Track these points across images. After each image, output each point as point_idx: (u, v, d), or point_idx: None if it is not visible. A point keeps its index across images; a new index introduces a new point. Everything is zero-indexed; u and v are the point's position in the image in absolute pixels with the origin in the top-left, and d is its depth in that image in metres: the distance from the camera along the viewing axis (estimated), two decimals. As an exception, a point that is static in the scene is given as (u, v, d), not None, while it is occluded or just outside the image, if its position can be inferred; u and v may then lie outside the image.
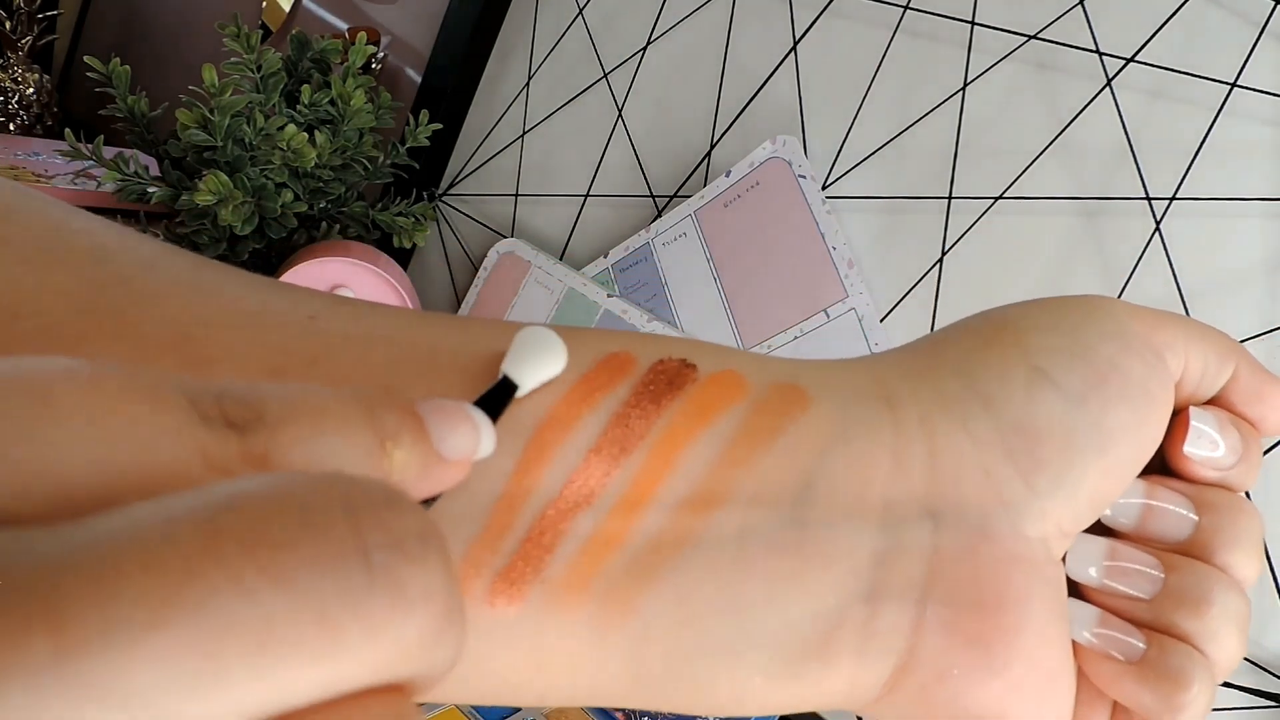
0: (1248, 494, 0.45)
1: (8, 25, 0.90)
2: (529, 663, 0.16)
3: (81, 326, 0.16)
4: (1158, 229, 0.49)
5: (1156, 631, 0.18)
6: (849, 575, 0.17)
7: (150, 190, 0.64)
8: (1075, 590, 0.19)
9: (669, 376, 0.18)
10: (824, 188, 0.59)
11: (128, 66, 0.64)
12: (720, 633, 0.17)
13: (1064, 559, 0.19)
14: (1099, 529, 0.19)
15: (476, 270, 0.73)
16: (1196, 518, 0.19)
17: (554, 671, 0.16)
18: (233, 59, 0.62)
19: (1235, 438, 0.19)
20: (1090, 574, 0.19)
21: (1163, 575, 0.18)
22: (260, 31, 0.77)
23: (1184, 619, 0.18)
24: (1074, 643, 0.19)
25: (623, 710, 0.55)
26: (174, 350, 0.16)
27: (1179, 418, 0.19)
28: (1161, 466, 0.20)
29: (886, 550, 0.17)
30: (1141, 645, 0.18)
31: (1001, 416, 0.18)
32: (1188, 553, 0.19)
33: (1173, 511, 0.19)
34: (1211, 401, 0.20)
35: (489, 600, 0.16)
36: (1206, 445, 0.19)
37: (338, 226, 0.71)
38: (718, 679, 0.17)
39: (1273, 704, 0.44)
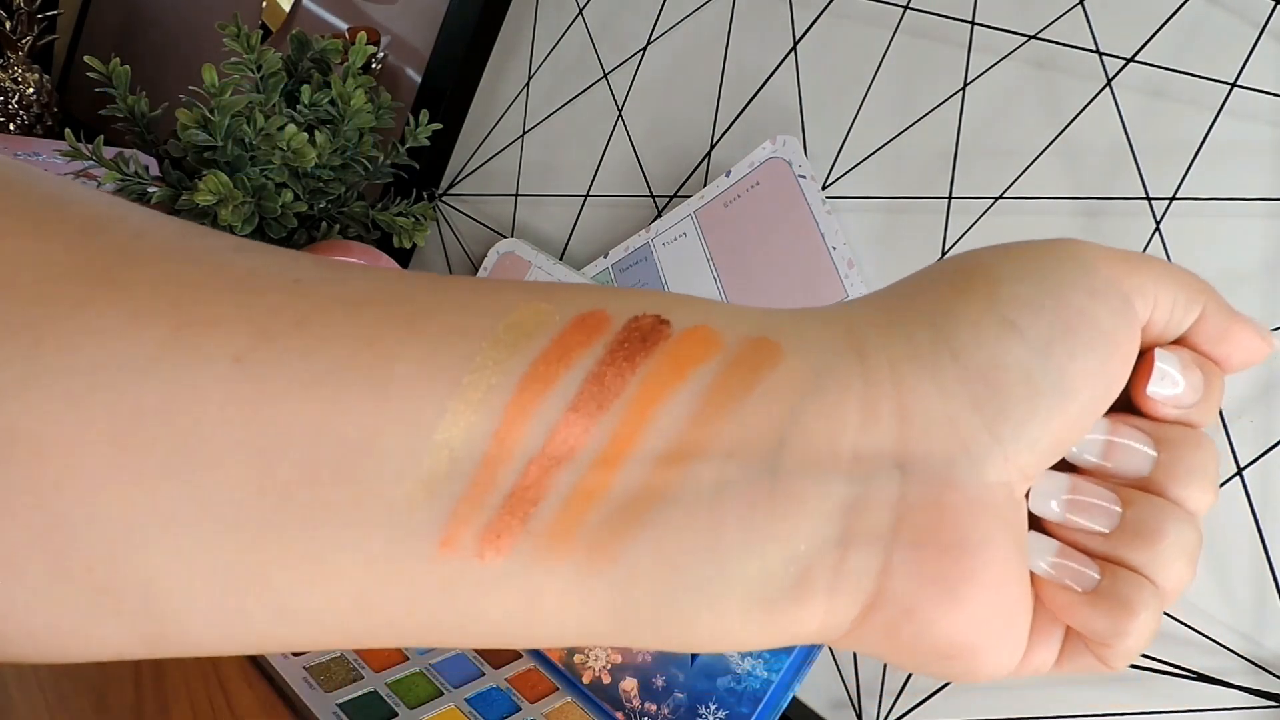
0: (1245, 488, 0.45)
1: (8, 25, 0.90)
2: (519, 608, 0.17)
3: (79, 293, 0.16)
4: (1158, 229, 0.49)
5: (1110, 562, 0.20)
6: (821, 523, 0.18)
7: (150, 190, 0.64)
8: (1035, 524, 0.20)
9: (643, 333, 0.18)
10: (824, 188, 0.59)
11: (128, 66, 0.64)
12: (699, 578, 0.18)
13: (1027, 495, 0.20)
14: (1061, 464, 0.20)
15: (476, 270, 0.73)
16: (1155, 453, 0.20)
17: (544, 615, 0.18)
18: (233, 59, 0.62)
19: (1198, 377, 0.20)
20: (1052, 508, 0.20)
21: (1120, 510, 0.20)
22: (260, 31, 0.77)
23: (1137, 550, 0.19)
24: (1031, 573, 0.20)
25: (622, 710, 0.55)
26: (166, 315, 0.16)
27: (1144, 358, 0.20)
28: (1124, 403, 0.21)
29: (856, 499, 0.18)
30: (1096, 576, 0.19)
31: (969, 367, 0.18)
32: (1144, 487, 0.20)
33: (1134, 448, 0.20)
34: (1177, 341, 0.21)
35: (478, 552, 0.17)
36: (1170, 385, 0.20)
37: (338, 226, 0.71)
38: (699, 618, 0.18)
39: (1273, 704, 0.44)
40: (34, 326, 0.16)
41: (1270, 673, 0.45)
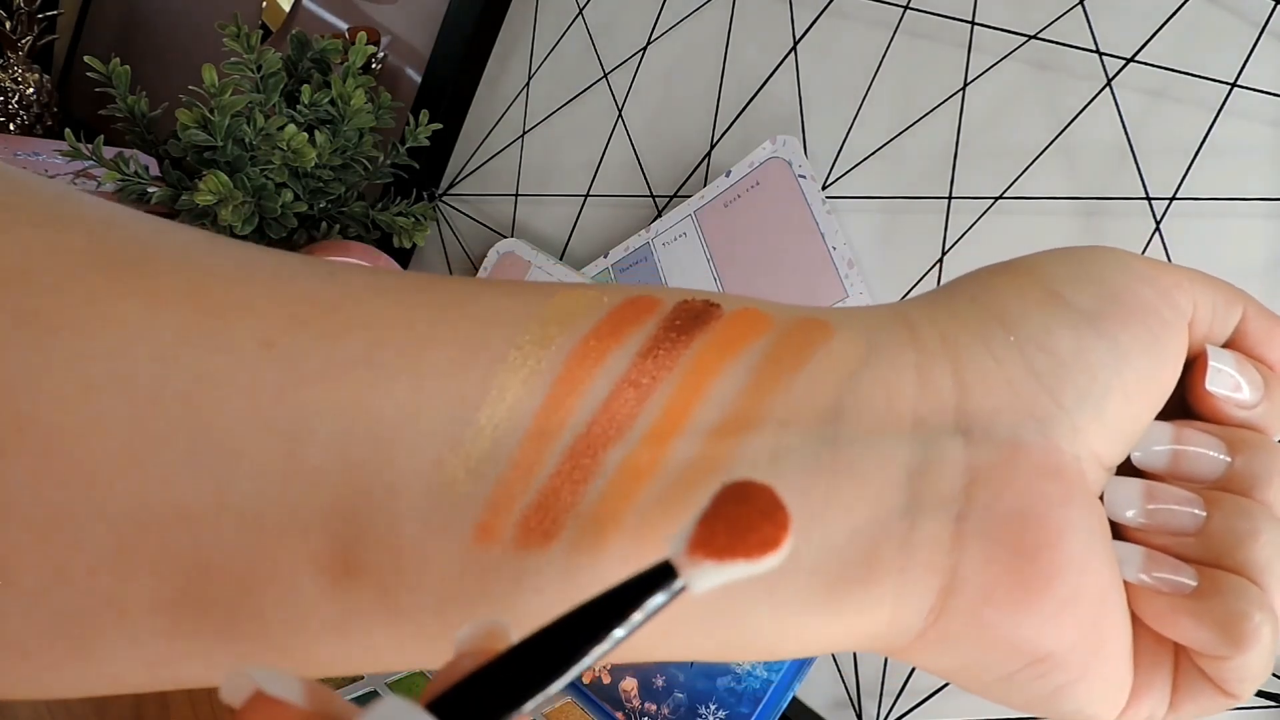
0: None
1: (8, 25, 0.90)
2: (562, 607, 0.16)
3: (98, 281, 0.15)
4: (1158, 229, 0.49)
5: (1207, 566, 0.18)
6: (885, 490, 0.17)
7: (150, 190, 0.64)
8: (1118, 533, 0.19)
9: (694, 313, 0.18)
10: (824, 188, 0.59)
11: (128, 66, 0.64)
12: None
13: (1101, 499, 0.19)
14: (1133, 474, 0.19)
15: (476, 270, 0.73)
16: (1228, 458, 0.19)
17: None
18: (233, 59, 0.62)
19: (1255, 375, 0.19)
20: (1129, 515, 0.19)
21: (1204, 513, 0.18)
22: (260, 31, 0.77)
23: (1234, 550, 0.18)
24: (1127, 587, 0.18)
25: (622, 710, 0.55)
26: (189, 300, 0.16)
27: (1197, 360, 0.19)
28: (1187, 415, 0.20)
29: (921, 463, 0.17)
30: (1192, 580, 0.18)
31: (1019, 335, 0.18)
32: (1227, 490, 0.19)
33: (1202, 453, 0.19)
34: (1225, 346, 0.20)
35: (521, 538, 0.16)
36: (1227, 383, 0.19)
37: (338, 226, 0.71)
38: (757, 612, 0.16)
39: (1273, 704, 0.44)
40: (48, 314, 0.15)
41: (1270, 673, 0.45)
